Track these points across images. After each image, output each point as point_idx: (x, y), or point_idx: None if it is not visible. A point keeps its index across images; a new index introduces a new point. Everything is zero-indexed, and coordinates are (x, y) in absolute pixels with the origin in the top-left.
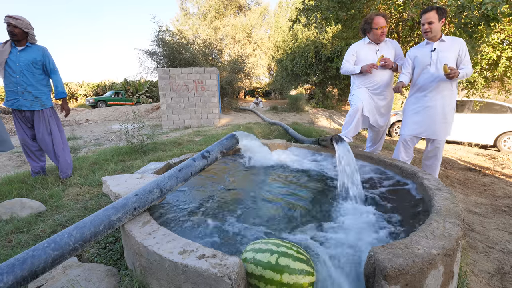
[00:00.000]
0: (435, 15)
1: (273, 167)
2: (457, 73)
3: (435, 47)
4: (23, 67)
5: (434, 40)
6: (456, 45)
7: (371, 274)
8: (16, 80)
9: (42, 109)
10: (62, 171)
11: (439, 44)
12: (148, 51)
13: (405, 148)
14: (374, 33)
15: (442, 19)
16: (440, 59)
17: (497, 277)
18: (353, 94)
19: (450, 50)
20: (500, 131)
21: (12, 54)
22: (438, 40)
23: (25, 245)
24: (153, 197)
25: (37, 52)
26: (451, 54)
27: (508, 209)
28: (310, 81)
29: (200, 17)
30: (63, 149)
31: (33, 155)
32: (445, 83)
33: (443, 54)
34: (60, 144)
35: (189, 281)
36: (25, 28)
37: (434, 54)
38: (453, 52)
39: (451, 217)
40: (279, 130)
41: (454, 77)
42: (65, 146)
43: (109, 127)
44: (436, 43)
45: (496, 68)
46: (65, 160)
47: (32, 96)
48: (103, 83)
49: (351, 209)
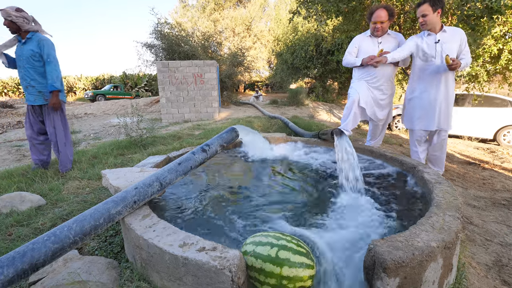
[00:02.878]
0: (428, 7)
1: (273, 160)
2: (459, 63)
3: (439, 38)
4: (25, 61)
5: (435, 31)
6: (457, 36)
7: (370, 267)
8: (21, 74)
9: (46, 103)
10: (62, 165)
11: (441, 35)
12: (147, 44)
13: (419, 144)
14: (370, 26)
15: (438, 10)
16: (444, 50)
17: (495, 269)
18: (352, 86)
19: (453, 41)
20: (500, 125)
21: (17, 47)
22: (440, 31)
23: (25, 239)
24: (153, 190)
25: (34, 44)
26: (453, 45)
27: (507, 202)
28: (310, 74)
29: (199, 9)
30: (65, 144)
31: (35, 148)
32: (449, 74)
33: (446, 46)
34: (63, 139)
35: (190, 274)
36: (15, 19)
37: (438, 46)
38: (455, 42)
39: (451, 210)
40: (279, 124)
41: (457, 67)
42: (67, 142)
43: (108, 121)
44: (439, 34)
45: (498, 61)
46: (66, 154)
47: (36, 91)
48: (101, 76)
49: (351, 202)
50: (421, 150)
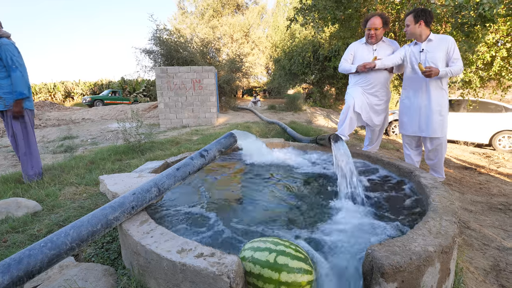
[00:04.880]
0: (410, 18)
1: (271, 165)
2: (433, 71)
3: (423, 47)
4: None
5: (421, 40)
6: (443, 44)
7: (368, 272)
8: None
9: (6, 109)
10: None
11: (426, 45)
12: (145, 50)
13: (411, 147)
14: (365, 33)
15: (419, 21)
16: (428, 59)
17: (492, 274)
18: (348, 92)
19: (438, 50)
20: (495, 130)
21: None
22: (426, 41)
23: (21, 245)
24: (151, 196)
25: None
26: (439, 54)
27: (503, 207)
28: (307, 80)
29: (198, 15)
30: (25, 154)
31: None
32: (435, 82)
33: (431, 55)
34: (23, 148)
35: (188, 280)
36: None
37: (423, 55)
38: (441, 51)
39: (448, 215)
40: (277, 129)
41: (432, 75)
42: (29, 151)
43: (106, 126)
44: (423, 44)
45: (491, 67)
46: (26, 164)
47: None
48: (100, 81)
49: (348, 207)
50: (414, 154)
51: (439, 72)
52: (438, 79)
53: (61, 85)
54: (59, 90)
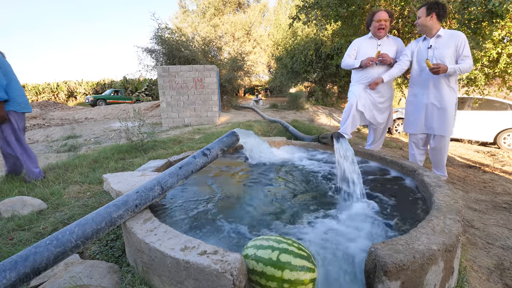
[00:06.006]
0: (423, 10)
1: (274, 164)
2: (441, 67)
3: (431, 43)
4: None
5: (430, 35)
6: (453, 40)
7: (371, 270)
8: None
9: None
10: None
11: (435, 41)
12: (147, 49)
13: (417, 147)
14: (373, 25)
15: (431, 13)
16: (436, 56)
17: (496, 273)
18: (350, 90)
19: (446, 46)
20: (500, 128)
21: None
22: (435, 36)
23: (26, 243)
24: (154, 194)
25: None
26: (447, 50)
27: (507, 205)
28: (309, 78)
29: (199, 14)
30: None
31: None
32: (443, 79)
33: (439, 51)
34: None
35: (191, 277)
36: None
37: (430, 51)
38: (449, 47)
39: (452, 214)
40: (279, 127)
41: (440, 72)
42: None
43: (109, 125)
44: (432, 40)
45: (496, 65)
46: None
47: None
48: (102, 81)
49: (351, 206)
50: (419, 154)
51: (447, 69)
52: (446, 77)
53: (64, 85)
54: (62, 90)
